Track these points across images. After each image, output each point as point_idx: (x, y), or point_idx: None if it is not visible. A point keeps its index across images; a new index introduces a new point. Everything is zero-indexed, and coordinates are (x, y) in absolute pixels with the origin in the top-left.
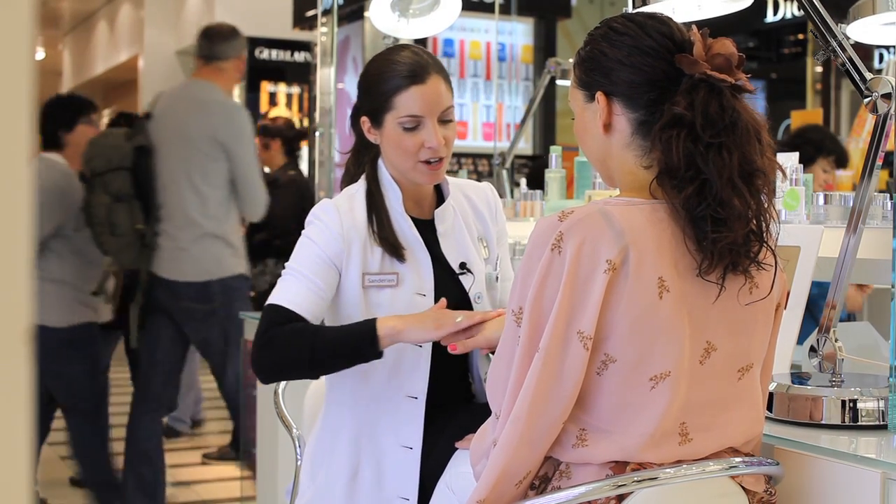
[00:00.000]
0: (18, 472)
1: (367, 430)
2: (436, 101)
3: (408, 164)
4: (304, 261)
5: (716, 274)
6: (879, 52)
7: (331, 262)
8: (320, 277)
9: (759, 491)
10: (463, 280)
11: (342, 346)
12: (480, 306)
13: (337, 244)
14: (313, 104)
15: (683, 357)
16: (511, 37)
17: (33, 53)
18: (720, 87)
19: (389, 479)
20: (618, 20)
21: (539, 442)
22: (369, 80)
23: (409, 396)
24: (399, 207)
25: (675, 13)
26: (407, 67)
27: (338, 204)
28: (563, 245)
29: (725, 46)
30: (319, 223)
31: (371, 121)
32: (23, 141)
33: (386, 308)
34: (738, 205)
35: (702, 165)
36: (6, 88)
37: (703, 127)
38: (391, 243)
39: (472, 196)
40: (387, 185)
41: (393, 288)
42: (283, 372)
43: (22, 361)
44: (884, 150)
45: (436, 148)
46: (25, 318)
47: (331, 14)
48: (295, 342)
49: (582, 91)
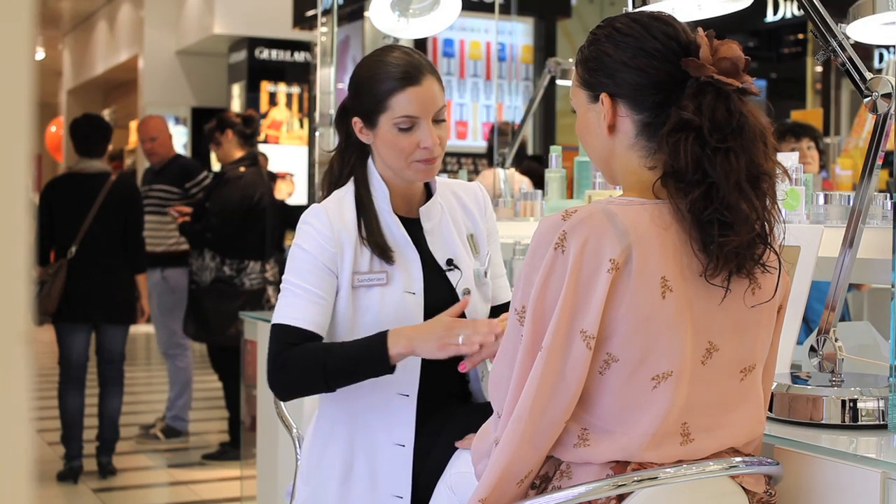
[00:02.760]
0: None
1: (360, 427)
2: (431, 102)
3: (402, 163)
4: (300, 273)
5: (721, 277)
6: (879, 52)
7: (326, 268)
8: (319, 287)
9: (759, 491)
10: (450, 276)
11: (354, 364)
12: (470, 302)
13: (329, 248)
14: (313, 104)
15: (685, 357)
16: (511, 37)
17: (33, 53)
18: (727, 91)
19: (383, 477)
20: (621, 20)
21: (541, 441)
22: (361, 81)
23: (400, 394)
24: (387, 207)
25: (675, 13)
26: (400, 69)
27: (327, 207)
28: (567, 244)
29: (732, 50)
30: (310, 229)
31: (364, 122)
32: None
33: (376, 307)
34: (745, 208)
35: (709, 169)
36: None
37: (710, 131)
38: (380, 246)
39: (461, 194)
40: (375, 186)
41: (382, 287)
42: (299, 391)
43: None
44: (884, 150)
45: (431, 148)
46: (25, 319)
47: (331, 14)
48: (308, 364)
49: (585, 91)
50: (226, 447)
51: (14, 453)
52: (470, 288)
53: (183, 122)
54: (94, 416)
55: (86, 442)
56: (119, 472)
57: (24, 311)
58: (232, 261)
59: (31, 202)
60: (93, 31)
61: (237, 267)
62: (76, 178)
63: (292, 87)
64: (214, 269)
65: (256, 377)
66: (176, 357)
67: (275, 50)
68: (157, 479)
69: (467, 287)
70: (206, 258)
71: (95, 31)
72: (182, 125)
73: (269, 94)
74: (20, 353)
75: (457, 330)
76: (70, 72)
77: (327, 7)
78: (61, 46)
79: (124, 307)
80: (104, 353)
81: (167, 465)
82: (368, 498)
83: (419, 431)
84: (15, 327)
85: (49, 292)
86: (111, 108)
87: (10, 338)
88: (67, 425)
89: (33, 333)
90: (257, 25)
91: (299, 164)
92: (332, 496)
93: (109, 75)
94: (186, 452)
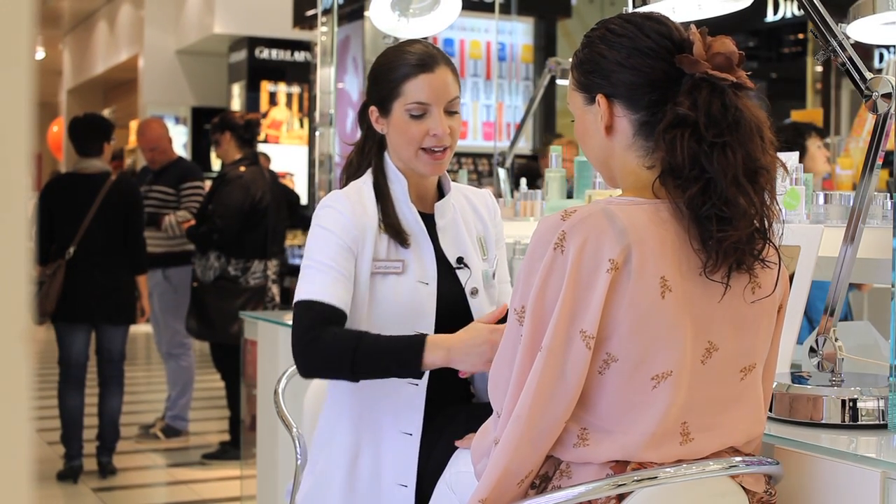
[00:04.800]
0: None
1: (367, 414)
2: (443, 90)
3: (411, 151)
4: (323, 250)
5: (720, 273)
6: (879, 52)
7: (348, 248)
8: (342, 265)
9: (759, 490)
10: (459, 274)
11: (385, 362)
12: (477, 301)
13: (353, 230)
14: (313, 104)
15: (685, 357)
16: (511, 36)
17: (33, 53)
18: (722, 86)
19: (388, 466)
20: (615, 21)
21: (541, 441)
22: (379, 70)
23: (410, 382)
24: (405, 197)
25: (675, 13)
26: (416, 57)
27: (347, 194)
28: (566, 244)
29: (725, 45)
30: (332, 210)
31: (379, 110)
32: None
33: (389, 295)
34: (743, 203)
35: (706, 165)
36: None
37: (706, 126)
38: (395, 229)
39: (472, 198)
40: (392, 177)
41: (398, 275)
42: (323, 373)
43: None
44: (884, 150)
45: (440, 136)
46: (25, 318)
47: (331, 14)
48: (339, 349)
49: (581, 93)
50: (226, 447)
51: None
52: (478, 287)
53: (183, 122)
54: (94, 416)
55: (86, 441)
56: (119, 471)
57: (24, 311)
58: (238, 260)
59: (31, 202)
60: (93, 31)
61: (242, 266)
62: (75, 177)
63: (292, 87)
64: (219, 268)
65: (256, 377)
66: (179, 357)
67: (275, 50)
68: (157, 479)
69: (475, 286)
70: (210, 258)
71: (95, 31)
72: (182, 125)
73: (270, 93)
74: (20, 353)
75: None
76: (70, 71)
77: (327, 7)
78: (61, 46)
79: (124, 307)
80: (104, 352)
81: (167, 464)
82: (373, 486)
83: (427, 421)
84: (15, 327)
85: (47, 292)
86: (111, 107)
87: (9, 337)
88: (67, 425)
89: (33, 333)
90: (257, 25)
91: (299, 163)
92: (337, 483)
93: (109, 75)
94: (186, 452)
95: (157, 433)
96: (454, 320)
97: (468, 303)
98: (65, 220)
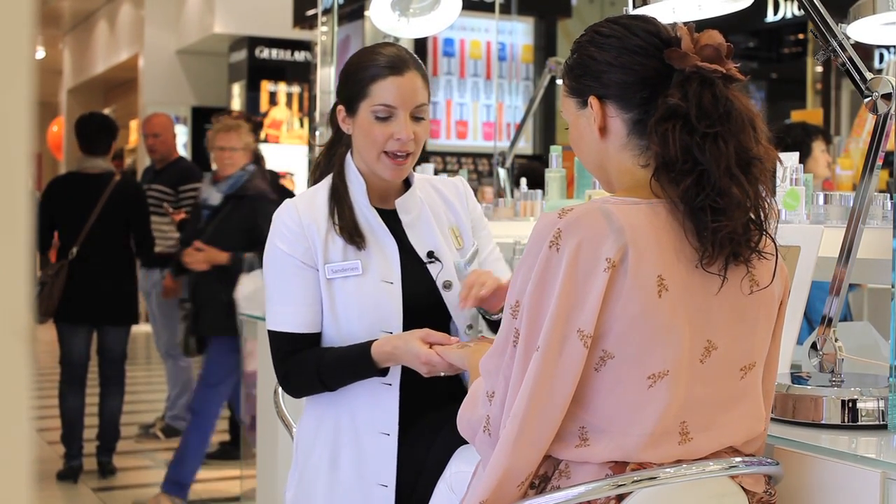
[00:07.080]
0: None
1: (346, 416)
2: (410, 95)
3: (374, 154)
4: (279, 275)
5: (717, 265)
6: (879, 52)
7: (302, 263)
8: (301, 286)
9: (758, 491)
10: (430, 268)
11: (344, 373)
12: (451, 294)
13: (300, 242)
14: (313, 103)
15: (683, 356)
16: (511, 36)
17: (33, 53)
18: (712, 77)
19: (368, 466)
20: (602, 24)
21: (540, 440)
22: (350, 69)
23: (383, 383)
24: (363, 200)
25: (676, 13)
26: (387, 59)
27: (296, 203)
28: (561, 242)
29: (713, 38)
30: (281, 226)
31: (346, 109)
32: (23, 140)
33: (353, 298)
34: (736, 193)
35: (699, 156)
36: (6, 88)
37: (697, 118)
38: (349, 231)
39: (441, 189)
40: (352, 178)
41: (358, 277)
42: (308, 394)
43: (22, 361)
44: (884, 150)
45: (404, 140)
46: (25, 318)
47: (331, 13)
48: (304, 374)
49: (574, 98)
50: (226, 447)
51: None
52: (451, 280)
53: (183, 122)
54: (94, 416)
55: (86, 441)
56: (119, 471)
57: (25, 311)
58: None
59: (31, 202)
60: (93, 31)
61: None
62: (79, 177)
63: (292, 87)
64: None
65: (256, 377)
66: (178, 357)
67: (275, 49)
68: (157, 479)
69: (448, 279)
70: None
71: (96, 31)
72: (182, 124)
73: (270, 93)
74: (20, 352)
75: (433, 362)
76: (70, 71)
77: (327, 6)
78: (61, 45)
79: (126, 307)
80: (105, 352)
81: (167, 464)
82: (355, 487)
83: (403, 420)
84: (15, 326)
85: (50, 292)
86: (111, 107)
87: (10, 337)
88: (67, 425)
89: (34, 333)
90: (257, 25)
91: (299, 163)
92: (321, 485)
93: (110, 74)
94: None
95: (157, 433)
96: (426, 315)
97: (441, 297)
98: (68, 220)
